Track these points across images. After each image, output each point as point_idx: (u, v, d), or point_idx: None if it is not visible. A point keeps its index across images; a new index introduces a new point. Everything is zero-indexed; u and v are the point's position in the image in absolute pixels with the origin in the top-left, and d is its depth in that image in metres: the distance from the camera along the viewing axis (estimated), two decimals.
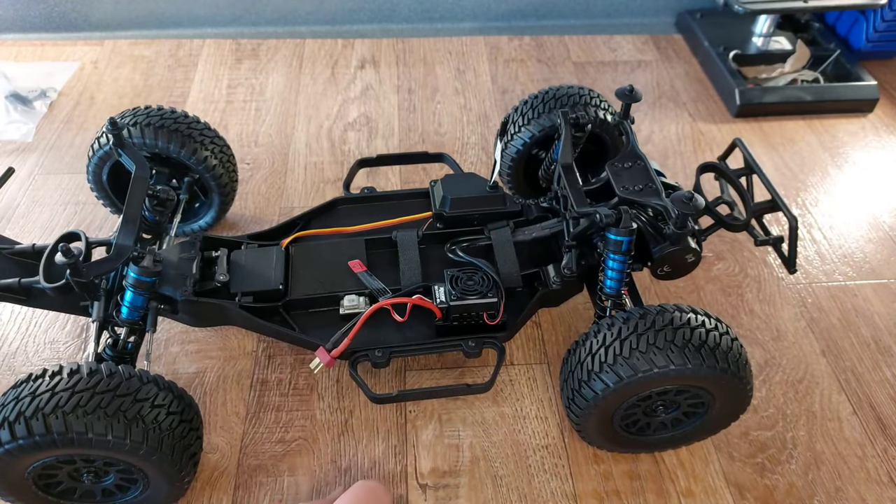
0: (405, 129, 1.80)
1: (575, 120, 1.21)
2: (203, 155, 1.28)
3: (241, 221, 1.53)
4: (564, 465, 1.13)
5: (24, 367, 1.25)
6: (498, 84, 1.96)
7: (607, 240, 1.04)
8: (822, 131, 1.83)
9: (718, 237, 1.49)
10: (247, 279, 1.15)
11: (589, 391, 0.98)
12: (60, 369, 0.89)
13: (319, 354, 1.05)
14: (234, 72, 1.97)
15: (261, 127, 1.79)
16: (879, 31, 1.97)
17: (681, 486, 1.11)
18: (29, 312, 1.33)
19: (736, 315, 1.37)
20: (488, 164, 1.69)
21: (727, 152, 1.22)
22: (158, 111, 1.27)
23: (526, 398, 1.22)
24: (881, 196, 1.65)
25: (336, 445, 1.15)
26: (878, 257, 1.50)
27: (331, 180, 1.64)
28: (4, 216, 1.54)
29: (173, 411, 0.93)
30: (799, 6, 1.84)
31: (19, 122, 1.77)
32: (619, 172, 1.14)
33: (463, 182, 1.27)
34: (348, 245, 1.23)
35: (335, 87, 1.93)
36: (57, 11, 2.07)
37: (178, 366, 1.25)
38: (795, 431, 1.19)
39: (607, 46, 2.12)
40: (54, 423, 0.84)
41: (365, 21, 2.16)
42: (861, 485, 1.13)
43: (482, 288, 1.11)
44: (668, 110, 1.88)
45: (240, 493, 1.09)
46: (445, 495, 1.09)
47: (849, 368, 1.29)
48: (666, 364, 0.92)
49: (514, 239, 1.22)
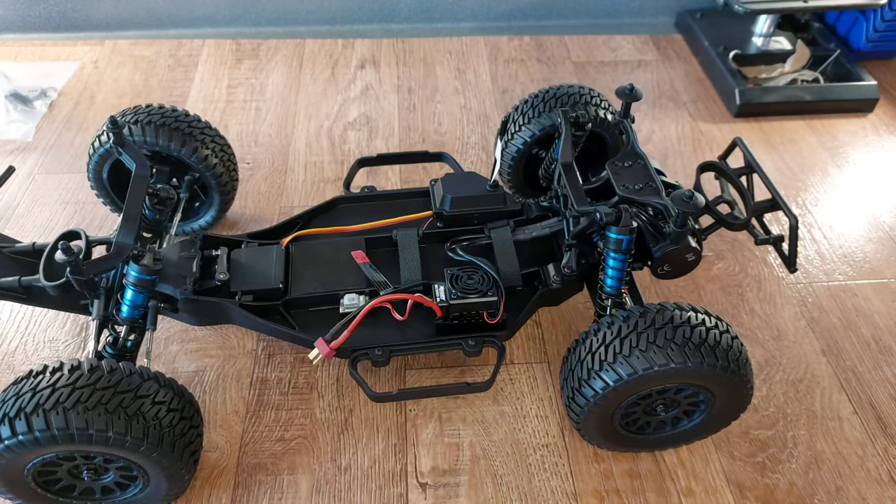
0: (405, 128, 1.80)
1: (575, 119, 1.21)
2: (203, 153, 1.28)
3: (241, 220, 1.53)
4: (565, 464, 1.13)
5: (24, 365, 1.25)
6: (498, 84, 1.96)
7: (607, 238, 1.04)
8: (822, 131, 1.83)
9: (719, 236, 1.49)
10: (247, 278, 1.15)
11: (589, 389, 0.98)
12: (61, 365, 0.89)
13: (318, 345, 1.05)
14: (234, 72, 1.98)
15: (261, 126, 1.79)
16: (879, 31, 1.97)
17: (681, 485, 1.11)
18: (28, 311, 1.33)
19: (736, 314, 1.37)
20: (488, 164, 1.69)
21: (727, 151, 1.22)
22: (159, 109, 1.27)
23: (526, 397, 1.22)
24: (881, 196, 1.65)
25: (336, 444, 1.15)
26: (878, 257, 1.50)
27: (331, 179, 1.64)
28: (4, 215, 1.54)
29: (174, 408, 0.93)
30: (799, 6, 1.84)
31: (19, 121, 1.77)
32: (619, 171, 1.14)
33: (463, 181, 1.27)
34: (348, 244, 1.23)
35: (335, 86, 1.93)
36: (57, 11, 2.07)
37: (178, 364, 1.25)
38: (796, 430, 1.19)
39: (607, 46, 2.12)
40: (55, 419, 0.84)
41: (365, 21, 2.16)
42: (861, 484, 1.13)
43: (482, 287, 1.11)
44: (668, 110, 1.88)
45: (239, 492, 1.09)
46: (445, 494, 1.09)
47: (849, 368, 1.29)
48: (666, 362, 0.92)
49: (514, 238, 1.22)
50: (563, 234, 1.17)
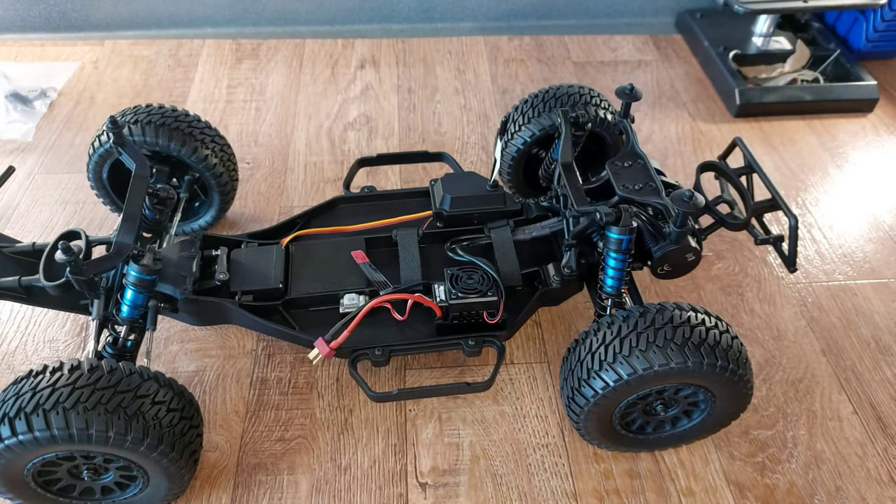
0: (405, 128, 1.80)
1: (575, 119, 1.21)
2: (203, 153, 1.28)
3: (241, 220, 1.53)
4: (564, 464, 1.13)
5: (24, 365, 1.25)
6: (498, 84, 1.96)
7: (607, 238, 1.04)
8: (822, 131, 1.83)
9: (718, 236, 1.49)
10: (247, 278, 1.16)
11: (589, 389, 0.98)
12: (61, 365, 0.89)
13: (318, 345, 1.05)
14: (234, 72, 1.98)
15: (261, 126, 1.79)
16: (879, 31, 1.97)
17: (681, 485, 1.11)
18: (28, 311, 1.33)
19: (736, 314, 1.37)
20: (488, 164, 1.69)
21: (727, 151, 1.22)
22: (159, 109, 1.27)
23: (526, 397, 1.22)
24: (881, 196, 1.65)
25: (336, 444, 1.15)
26: (878, 257, 1.50)
27: (331, 179, 1.64)
28: (4, 215, 1.54)
29: (174, 408, 0.93)
30: (799, 6, 1.84)
31: (19, 121, 1.77)
32: (619, 171, 1.14)
33: (463, 181, 1.27)
34: (348, 244, 1.23)
35: (335, 86, 1.93)
36: (57, 11, 2.07)
37: (178, 364, 1.25)
38: (796, 430, 1.19)
39: (607, 46, 2.12)
40: (55, 419, 0.84)
41: (365, 21, 2.16)
42: (861, 484, 1.13)
43: (482, 287, 1.11)
44: (668, 110, 1.88)
45: (239, 492, 1.09)
46: (445, 494, 1.09)
47: (849, 368, 1.29)
48: (666, 362, 0.92)
49: (514, 238, 1.22)
50: (563, 234, 1.17)
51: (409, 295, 1.10)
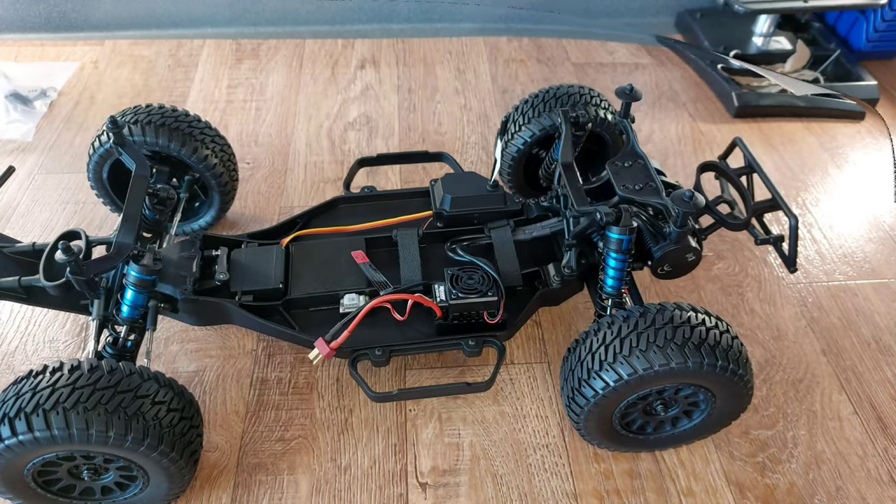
0: (405, 128, 1.80)
1: (575, 119, 1.21)
2: (203, 153, 1.28)
3: (241, 220, 1.53)
4: (565, 464, 1.13)
5: (24, 365, 1.25)
6: (498, 84, 1.96)
7: (608, 238, 1.04)
8: (822, 131, 1.83)
9: (719, 236, 1.49)
10: (247, 278, 1.15)
11: (589, 389, 0.98)
12: (61, 365, 0.89)
13: (318, 345, 1.05)
14: (234, 72, 1.98)
15: (261, 126, 1.79)
16: (879, 31, 1.97)
17: (681, 485, 1.11)
18: (28, 311, 1.33)
19: (736, 314, 1.37)
20: (488, 164, 1.69)
21: (727, 151, 1.22)
22: (159, 109, 1.27)
23: (526, 397, 1.22)
24: (881, 196, 1.65)
25: (336, 444, 1.15)
26: (878, 257, 1.50)
27: (331, 179, 1.64)
28: (4, 215, 1.54)
29: (174, 408, 0.93)
30: (799, 6, 1.85)
31: (19, 121, 1.77)
32: (619, 171, 1.14)
33: (463, 181, 1.27)
34: (348, 244, 1.22)
35: (335, 86, 1.93)
36: (57, 11, 2.07)
37: (178, 364, 1.25)
38: (796, 430, 1.19)
39: (605, 48, 2.12)
40: (55, 419, 0.84)
41: (365, 21, 2.16)
42: (861, 484, 1.13)
43: (482, 287, 1.11)
44: (668, 110, 1.88)
45: (239, 492, 1.09)
46: (445, 494, 1.09)
47: (849, 368, 1.29)
48: (666, 362, 0.92)
49: (514, 238, 1.22)
50: (563, 234, 1.17)
51: (410, 295, 1.10)
